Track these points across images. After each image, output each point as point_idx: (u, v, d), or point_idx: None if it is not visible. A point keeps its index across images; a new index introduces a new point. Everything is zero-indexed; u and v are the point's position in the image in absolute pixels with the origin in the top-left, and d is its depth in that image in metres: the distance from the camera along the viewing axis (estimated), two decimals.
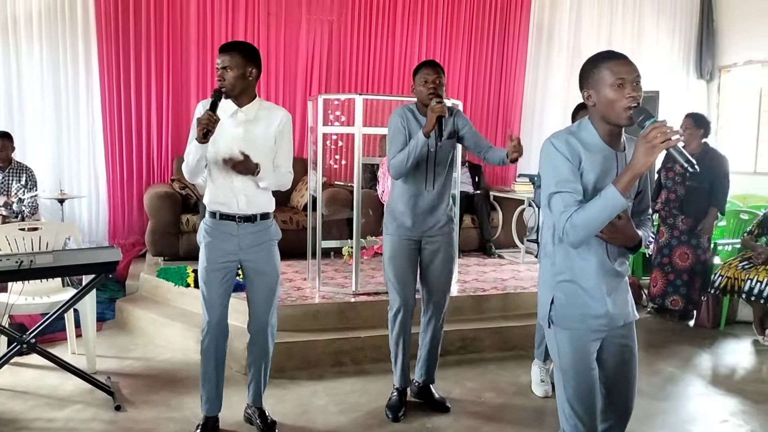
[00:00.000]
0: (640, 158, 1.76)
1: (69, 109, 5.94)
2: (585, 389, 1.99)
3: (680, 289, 5.04)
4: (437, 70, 3.15)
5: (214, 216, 2.88)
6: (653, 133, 1.74)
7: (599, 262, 1.97)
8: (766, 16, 7.39)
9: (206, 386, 2.97)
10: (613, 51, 1.95)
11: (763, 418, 3.40)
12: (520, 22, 7.26)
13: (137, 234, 6.10)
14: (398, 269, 3.22)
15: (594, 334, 1.99)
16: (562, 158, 1.89)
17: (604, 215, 1.81)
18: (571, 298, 1.98)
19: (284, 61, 6.51)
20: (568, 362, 2.00)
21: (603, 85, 1.88)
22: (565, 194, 1.88)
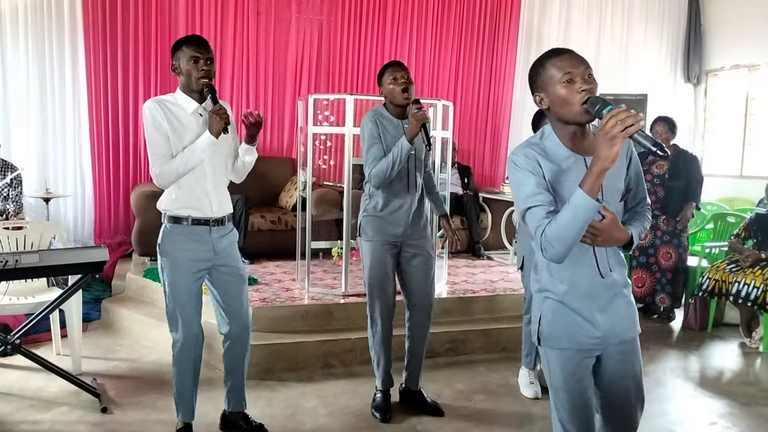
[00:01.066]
0: (601, 153, 1.61)
1: (55, 106, 5.87)
2: (578, 409, 1.89)
3: (666, 287, 5.17)
4: (404, 67, 3.14)
5: (180, 221, 2.71)
6: (610, 123, 1.58)
7: (588, 276, 1.83)
8: (752, 21, 7.46)
9: (183, 396, 2.86)
10: (558, 48, 1.84)
11: (750, 420, 3.42)
12: (509, 24, 7.29)
13: (123, 233, 6.04)
14: (379, 275, 3.18)
15: (585, 353, 1.87)
16: (524, 172, 1.79)
17: (578, 222, 1.66)
18: (558, 317, 1.85)
19: (273, 61, 6.49)
20: (558, 382, 1.90)
21: (552, 84, 1.77)
22: (534, 209, 1.75)
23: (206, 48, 2.69)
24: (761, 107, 7.61)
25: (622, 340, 1.89)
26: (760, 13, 7.36)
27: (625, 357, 1.90)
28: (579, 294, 1.83)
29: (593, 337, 1.84)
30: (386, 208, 3.15)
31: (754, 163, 7.60)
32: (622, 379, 1.91)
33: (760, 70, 7.56)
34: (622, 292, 1.91)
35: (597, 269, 1.84)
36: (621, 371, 1.90)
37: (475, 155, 7.30)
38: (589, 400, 1.91)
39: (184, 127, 2.67)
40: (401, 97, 3.07)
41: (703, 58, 8.14)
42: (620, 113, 1.58)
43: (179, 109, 2.69)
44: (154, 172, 2.66)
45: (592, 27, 7.76)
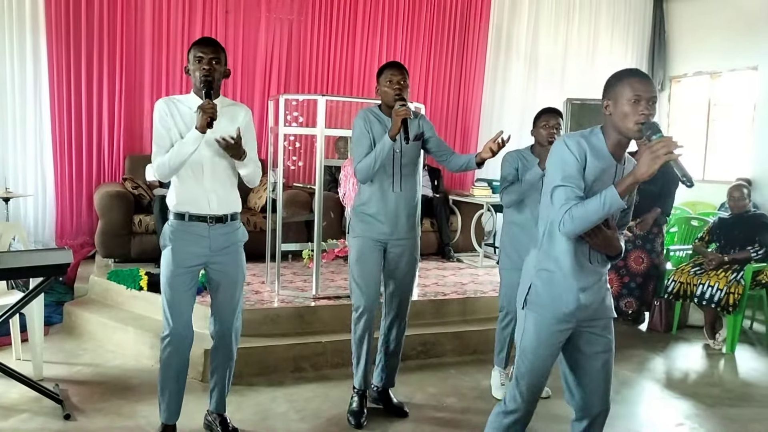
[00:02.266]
0: (642, 166, 1.90)
1: (15, 103, 5.68)
2: (536, 371, 2.19)
3: (634, 291, 5.19)
4: (402, 71, 3.13)
5: (182, 217, 2.76)
6: (658, 145, 1.88)
7: (580, 260, 2.13)
8: (715, 29, 7.65)
9: (167, 395, 2.84)
10: (638, 70, 2.10)
11: (716, 420, 3.48)
12: (479, 28, 7.33)
13: (86, 234, 5.88)
14: (364, 271, 3.18)
15: (561, 324, 2.16)
16: (572, 156, 2.05)
17: (601, 212, 1.96)
18: (547, 287, 2.16)
19: (242, 60, 6.40)
20: (528, 344, 2.19)
21: (621, 99, 2.03)
22: (568, 188, 2.03)
23: (212, 48, 2.70)
24: (723, 113, 7.80)
25: (597, 319, 2.20)
26: (722, 22, 7.55)
27: (602, 333, 2.21)
28: (568, 272, 2.13)
29: (571, 312, 2.14)
30: (372, 206, 3.17)
31: (716, 168, 7.78)
32: (594, 356, 2.21)
33: (722, 77, 7.75)
34: (603, 279, 2.22)
35: (588, 256, 2.15)
36: (593, 349, 2.21)
37: None
38: (547, 367, 2.21)
39: (187, 125, 2.70)
40: (394, 102, 3.06)
41: (667, 64, 8.31)
42: (669, 140, 1.88)
43: (186, 107, 2.73)
44: (153, 165, 2.73)
45: (560, 32, 7.86)
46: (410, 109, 3.02)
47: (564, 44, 7.89)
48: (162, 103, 2.74)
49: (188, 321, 2.81)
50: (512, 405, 2.24)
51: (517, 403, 2.23)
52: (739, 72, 7.49)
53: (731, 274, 4.68)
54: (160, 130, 2.70)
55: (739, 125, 7.55)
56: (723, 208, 6.09)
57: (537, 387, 2.23)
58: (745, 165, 7.25)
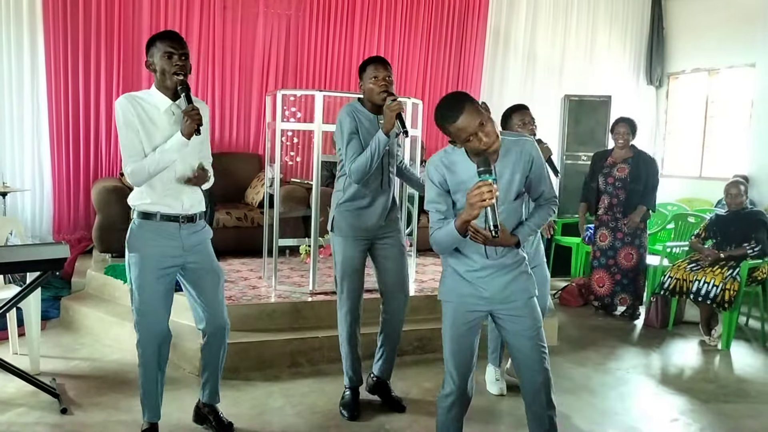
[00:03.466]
0: (466, 210, 2.12)
1: (12, 98, 5.67)
2: (456, 351, 2.38)
3: (627, 287, 5.28)
4: (386, 66, 3.09)
5: (150, 217, 2.68)
6: (474, 193, 2.07)
7: (477, 257, 2.33)
8: (713, 26, 7.65)
9: (149, 395, 2.80)
10: (455, 109, 2.22)
11: (711, 416, 3.50)
12: (477, 25, 7.33)
13: (83, 229, 5.89)
14: (351, 270, 3.19)
15: (470, 307, 2.36)
16: (430, 182, 2.32)
17: (450, 242, 2.26)
18: (451, 281, 2.39)
19: (240, 56, 6.40)
20: (446, 329, 2.40)
21: (460, 137, 2.22)
22: (432, 213, 2.33)
23: (180, 43, 2.64)
24: (720, 110, 7.81)
25: (513, 301, 2.35)
26: (720, 18, 7.55)
27: (519, 312, 2.36)
28: (469, 267, 2.35)
29: (477, 298, 2.35)
30: (360, 203, 3.15)
31: (713, 164, 7.79)
32: (519, 333, 2.37)
33: (720, 74, 7.76)
34: (512, 268, 2.37)
35: (485, 254, 2.33)
36: (516, 327, 2.37)
37: None
38: (467, 346, 2.38)
39: (155, 125, 2.63)
40: (379, 98, 3.04)
41: (665, 61, 8.32)
42: (484, 187, 2.05)
43: (151, 106, 2.64)
44: (126, 170, 2.64)
45: (558, 30, 7.86)
46: (401, 102, 3.00)
47: (562, 41, 7.89)
48: (126, 103, 2.61)
49: (166, 322, 2.75)
50: (447, 388, 2.41)
51: (450, 386, 2.40)
52: (737, 69, 7.50)
53: (727, 271, 4.69)
54: (127, 133, 2.60)
55: (736, 122, 7.55)
56: (720, 205, 6.11)
57: (461, 367, 2.38)
58: (742, 162, 7.26)
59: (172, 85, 2.63)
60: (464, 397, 2.43)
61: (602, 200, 5.29)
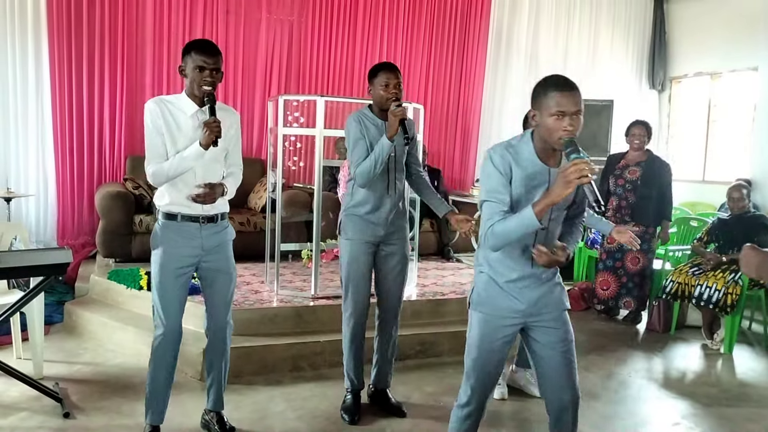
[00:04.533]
0: (555, 189, 1.97)
1: (17, 104, 5.72)
2: (480, 363, 2.27)
3: (632, 291, 5.24)
4: (397, 74, 3.12)
5: (173, 218, 2.77)
6: (571, 170, 1.93)
7: (521, 263, 2.19)
8: (715, 30, 7.66)
9: (155, 396, 2.85)
10: (562, 79, 2.08)
11: (712, 420, 3.50)
12: (479, 27, 7.35)
13: (87, 234, 5.92)
14: (356, 274, 3.20)
15: (504, 320, 2.22)
16: (495, 171, 2.10)
17: (519, 231, 2.05)
18: (487, 290, 2.24)
19: (243, 61, 6.43)
20: (473, 340, 2.27)
21: (546, 111, 2.04)
22: (491, 203, 2.10)
23: (214, 57, 2.69)
24: (723, 114, 7.80)
25: (547, 313, 2.23)
26: (722, 22, 7.55)
27: (554, 325, 2.24)
28: (509, 277, 2.20)
29: (514, 310, 2.21)
30: (367, 208, 3.17)
31: (716, 168, 7.79)
32: (549, 346, 2.24)
33: (722, 77, 7.76)
34: (549, 278, 2.25)
35: (531, 261, 2.19)
36: (548, 338, 2.24)
37: (445, 158, 7.33)
38: (494, 361, 2.27)
39: (180, 129, 2.71)
40: (389, 105, 3.05)
41: (668, 65, 8.32)
42: (581, 164, 1.92)
43: (178, 110, 2.72)
44: (147, 170, 2.72)
45: (560, 33, 7.87)
46: (406, 108, 3.03)
47: (564, 44, 7.90)
48: (154, 106, 2.71)
49: (180, 320, 2.82)
50: (464, 398, 2.32)
51: (468, 397, 2.30)
52: (740, 73, 7.50)
53: (729, 275, 4.69)
54: (153, 135, 2.69)
55: (739, 126, 7.55)
56: (723, 209, 6.10)
57: (485, 381, 2.29)
58: (745, 166, 7.25)
59: (200, 95, 2.70)
60: (481, 412, 2.35)
61: (611, 202, 5.26)
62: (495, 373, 2.31)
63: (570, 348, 2.27)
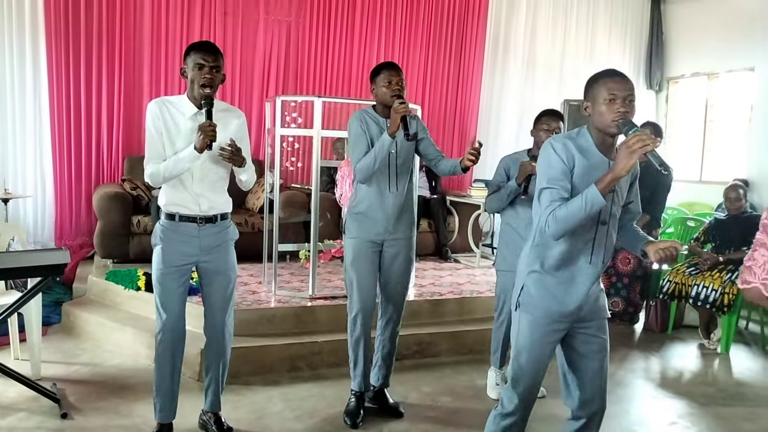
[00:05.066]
0: (620, 161, 1.96)
1: (15, 104, 5.71)
2: (530, 370, 2.21)
3: (621, 291, 5.23)
4: (399, 72, 3.14)
5: (172, 218, 2.80)
6: (633, 140, 1.93)
7: (578, 262, 2.16)
8: (712, 30, 7.67)
9: (161, 393, 2.87)
10: (614, 69, 2.13)
11: (709, 419, 3.51)
12: (477, 30, 7.36)
13: (85, 235, 5.91)
14: (360, 273, 3.20)
15: (555, 324, 2.18)
16: (558, 159, 2.09)
17: (584, 212, 1.99)
18: (539, 291, 2.18)
19: (241, 62, 6.43)
20: (523, 344, 2.21)
21: (598, 99, 2.08)
22: (553, 190, 2.07)
23: (213, 55, 2.69)
24: (720, 114, 7.82)
25: (591, 320, 2.21)
26: (719, 23, 7.57)
27: (597, 333, 2.23)
28: (563, 274, 2.16)
29: (565, 312, 2.16)
30: (369, 207, 3.18)
31: (713, 168, 7.80)
32: (595, 352, 2.23)
33: (719, 78, 7.78)
34: (598, 283, 2.23)
35: (590, 256, 2.16)
36: (593, 344, 2.23)
37: None
38: (541, 367, 2.23)
39: (179, 130, 2.73)
40: (391, 102, 3.06)
41: (665, 65, 8.34)
42: (642, 135, 1.94)
43: (178, 112, 2.74)
44: (146, 170, 2.74)
45: (557, 34, 7.88)
46: (408, 106, 3.03)
47: (561, 45, 7.91)
48: (155, 106, 2.74)
49: (180, 316, 2.84)
50: (510, 407, 2.25)
51: (514, 405, 2.24)
52: (736, 73, 7.51)
53: (726, 275, 4.70)
54: (153, 135, 2.72)
55: (736, 126, 7.57)
56: (720, 209, 6.11)
57: (533, 387, 2.25)
58: (742, 165, 7.27)
59: (200, 97, 2.70)
60: (524, 423, 2.29)
61: None
62: (541, 379, 2.27)
63: (606, 357, 2.26)
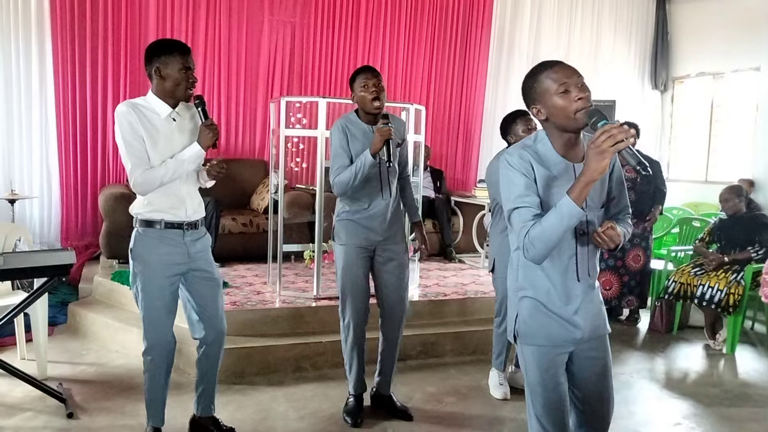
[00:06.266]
0: (590, 164, 1.70)
1: (21, 105, 5.74)
2: (553, 405, 1.96)
3: (635, 289, 5.26)
4: (375, 74, 3.11)
5: (153, 225, 2.67)
6: (601, 137, 1.68)
7: (565, 278, 1.91)
8: (717, 30, 7.66)
9: (154, 401, 2.82)
10: (550, 60, 1.90)
11: (714, 420, 3.50)
12: (481, 28, 7.36)
13: (91, 236, 5.94)
14: (352, 280, 3.17)
15: (560, 348, 1.95)
16: (517, 173, 1.85)
17: (561, 227, 1.76)
18: (534, 316, 1.93)
19: (246, 62, 6.45)
20: (535, 379, 1.96)
21: (549, 96, 1.83)
22: (522, 209, 1.84)
23: (190, 56, 2.67)
24: (725, 114, 7.80)
25: (592, 338, 1.97)
26: (725, 23, 7.55)
27: (597, 354, 1.99)
28: (555, 295, 1.91)
29: (569, 336, 1.92)
30: (360, 213, 3.15)
31: (719, 168, 7.78)
32: (596, 375, 1.99)
33: (725, 77, 7.75)
34: (595, 293, 1.99)
35: (576, 273, 1.92)
36: (593, 367, 1.99)
37: (448, 159, 7.34)
38: (563, 395, 1.97)
39: (158, 131, 2.63)
40: (371, 106, 3.06)
41: (670, 65, 8.32)
42: (612, 128, 1.66)
43: (153, 113, 2.64)
44: (134, 180, 2.59)
45: (562, 34, 7.88)
46: (392, 128, 2.99)
47: (566, 45, 7.91)
48: (128, 110, 2.58)
49: (171, 330, 2.76)
50: None
51: None
52: (742, 73, 7.50)
53: (731, 275, 4.69)
54: (133, 142, 2.57)
55: (741, 126, 7.55)
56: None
57: (561, 420, 1.97)
58: (747, 166, 7.25)
59: (183, 98, 2.66)
60: None
61: None
62: (566, 408, 1.98)
63: (609, 377, 2.01)
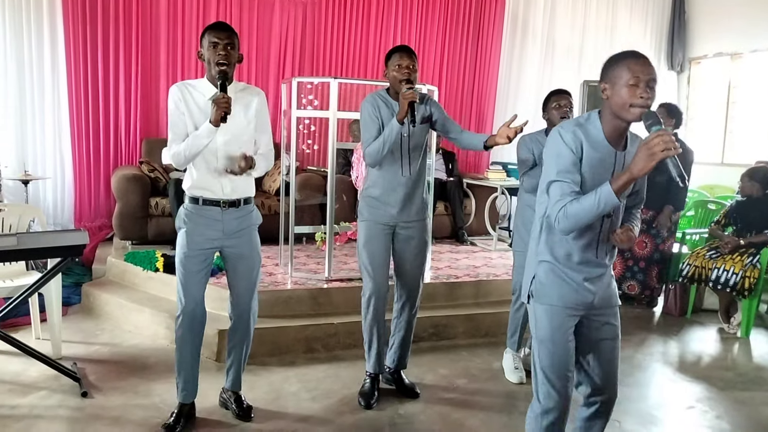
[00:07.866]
0: (638, 163, 1.83)
1: (33, 86, 5.75)
2: (559, 359, 2.13)
3: (637, 275, 5.19)
4: (411, 55, 3.10)
5: (196, 201, 2.81)
6: (656, 141, 1.80)
7: (584, 254, 2.09)
8: (735, 9, 7.51)
9: (183, 373, 2.92)
10: (637, 51, 2.00)
11: (727, 404, 3.48)
12: (495, 9, 7.26)
13: (104, 217, 5.97)
14: (373, 255, 3.20)
15: (572, 310, 2.12)
16: (567, 149, 1.98)
17: (596, 211, 1.90)
18: (550, 279, 2.12)
19: (257, 43, 6.41)
20: (544, 334, 2.13)
21: (619, 82, 1.94)
22: (563, 183, 1.97)
23: (226, 33, 2.70)
24: (743, 95, 7.68)
25: (603, 307, 2.16)
26: (743, 2, 7.41)
27: (609, 320, 2.19)
28: (571, 264, 2.10)
29: (582, 300, 2.11)
30: (381, 190, 3.18)
31: (735, 150, 7.68)
32: (609, 339, 2.20)
33: (743, 58, 7.62)
34: (608, 270, 2.18)
35: (596, 250, 2.11)
36: (605, 332, 2.19)
37: None
38: (570, 352, 2.15)
39: (201, 111, 2.74)
40: (401, 87, 3.04)
41: (687, 46, 8.19)
42: (666, 136, 1.79)
43: (199, 94, 2.75)
44: (169, 152, 2.78)
45: (577, 14, 7.76)
46: (417, 92, 3.00)
47: (581, 25, 7.79)
48: (176, 89, 2.76)
49: (200, 300, 2.87)
50: (549, 403, 2.14)
51: (553, 400, 2.13)
52: (761, 53, 7.35)
53: (747, 258, 4.63)
54: (175, 117, 2.74)
55: (759, 107, 7.42)
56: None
57: (566, 377, 2.14)
58: (765, 148, 7.13)
59: (216, 74, 2.70)
60: (566, 415, 2.18)
61: None
62: (573, 366, 2.16)
63: (618, 345, 2.22)
